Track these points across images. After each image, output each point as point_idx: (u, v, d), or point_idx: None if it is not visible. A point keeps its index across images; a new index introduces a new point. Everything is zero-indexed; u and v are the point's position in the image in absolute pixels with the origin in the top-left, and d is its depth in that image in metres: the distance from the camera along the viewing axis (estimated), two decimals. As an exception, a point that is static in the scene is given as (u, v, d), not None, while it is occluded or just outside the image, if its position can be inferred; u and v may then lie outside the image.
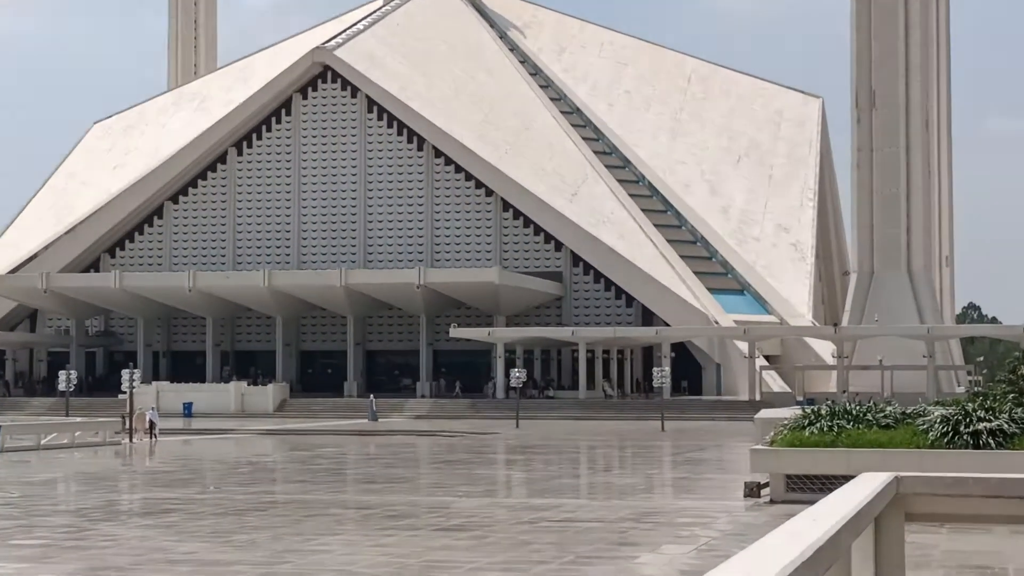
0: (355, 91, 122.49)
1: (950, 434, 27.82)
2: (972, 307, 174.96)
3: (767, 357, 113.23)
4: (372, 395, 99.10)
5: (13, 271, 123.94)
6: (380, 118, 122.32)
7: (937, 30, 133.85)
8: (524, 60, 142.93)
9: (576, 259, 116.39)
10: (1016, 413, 29.26)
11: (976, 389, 78.90)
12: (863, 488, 7.02)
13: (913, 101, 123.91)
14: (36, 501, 30.16)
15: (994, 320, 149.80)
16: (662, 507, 28.79)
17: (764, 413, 40.75)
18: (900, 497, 7.63)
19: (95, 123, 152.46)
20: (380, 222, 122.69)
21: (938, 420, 28.92)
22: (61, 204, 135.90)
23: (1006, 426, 28.05)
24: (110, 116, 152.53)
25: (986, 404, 30.65)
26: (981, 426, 28.01)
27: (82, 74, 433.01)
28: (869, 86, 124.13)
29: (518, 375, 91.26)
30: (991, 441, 27.39)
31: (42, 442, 54.15)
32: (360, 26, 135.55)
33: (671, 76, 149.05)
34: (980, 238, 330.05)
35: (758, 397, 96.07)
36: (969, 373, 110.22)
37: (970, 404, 31.18)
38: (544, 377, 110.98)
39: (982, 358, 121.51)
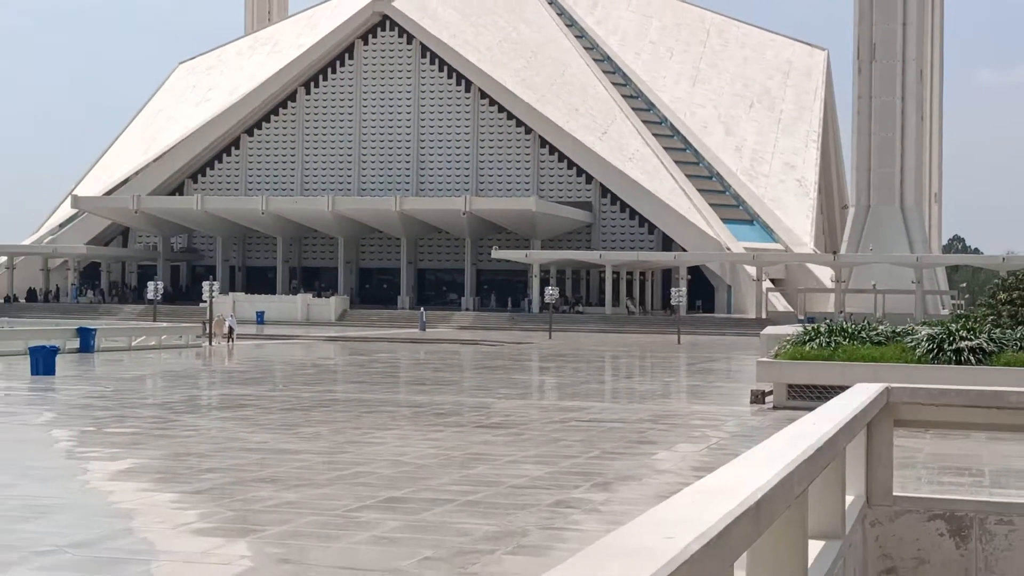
0: (410, 38, 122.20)
1: (935, 351, 27.76)
2: (957, 239, 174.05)
3: (772, 280, 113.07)
4: (422, 308, 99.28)
5: (107, 193, 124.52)
6: (432, 63, 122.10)
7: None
8: (561, 13, 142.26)
9: (604, 191, 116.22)
10: (994, 333, 29.17)
11: (959, 312, 78.58)
12: (857, 397, 7.02)
13: (909, 54, 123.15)
14: (127, 395, 30.36)
15: (976, 251, 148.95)
16: (677, 411, 28.81)
17: (769, 330, 40.69)
18: (890, 406, 7.63)
19: (180, 63, 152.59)
20: (431, 155, 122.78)
21: (924, 338, 28.85)
22: (149, 135, 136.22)
23: (985, 344, 27.97)
24: (193, 57, 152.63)
25: (967, 325, 30.55)
26: (963, 344, 27.93)
27: (167, 20, 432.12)
28: (870, 40, 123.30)
29: (551, 292, 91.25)
30: (971, 358, 27.32)
31: (132, 343, 54.69)
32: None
33: (692, 29, 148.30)
34: (966, 177, 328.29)
35: (764, 315, 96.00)
36: (953, 297, 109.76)
37: (953, 325, 31.07)
38: (574, 294, 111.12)
39: (965, 284, 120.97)
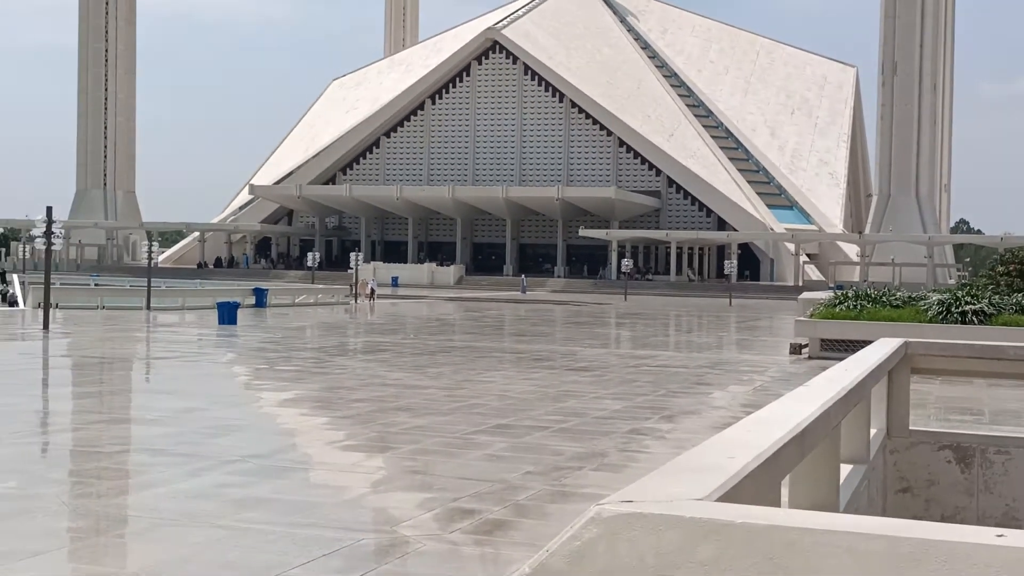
0: (515, 59, 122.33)
1: (944, 313, 27.41)
2: (963, 222, 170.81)
3: (808, 255, 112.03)
4: (523, 275, 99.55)
5: (276, 183, 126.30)
6: (532, 79, 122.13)
7: (945, 15, 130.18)
8: (637, 38, 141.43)
9: (670, 181, 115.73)
10: (993, 299, 28.75)
11: (963, 282, 77.26)
12: (881, 349, 6.91)
13: (925, 70, 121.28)
14: (292, 341, 30.79)
15: (979, 232, 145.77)
16: (728, 359, 28.63)
17: (805, 295, 40.20)
18: (908, 356, 7.52)
19: (333, 80, 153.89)
20: (531, 152, 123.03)
21: (935, 303, 28.47)
22: (309, 137, 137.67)
23: (986, 308, 27.58)
24: (344, 75, 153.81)
25: (971, 292, 30.09)
26: (967, 308, 27.53)
27: (322, 45, 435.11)
28: (892, 58, 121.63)
29: (627, 263, 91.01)
30: (974, 318, 26.95)
31: (295, 301, 55.44)
32: (520, 12, 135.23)
33: (744, 50, 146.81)
34: (971, 170, 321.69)
35: (800, 283, 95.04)
36: (958, 270, 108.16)
37: (959, 292, 30.62)
38: (645, 265, 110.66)
39: (968, 259, 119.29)
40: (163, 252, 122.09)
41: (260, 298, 50.19)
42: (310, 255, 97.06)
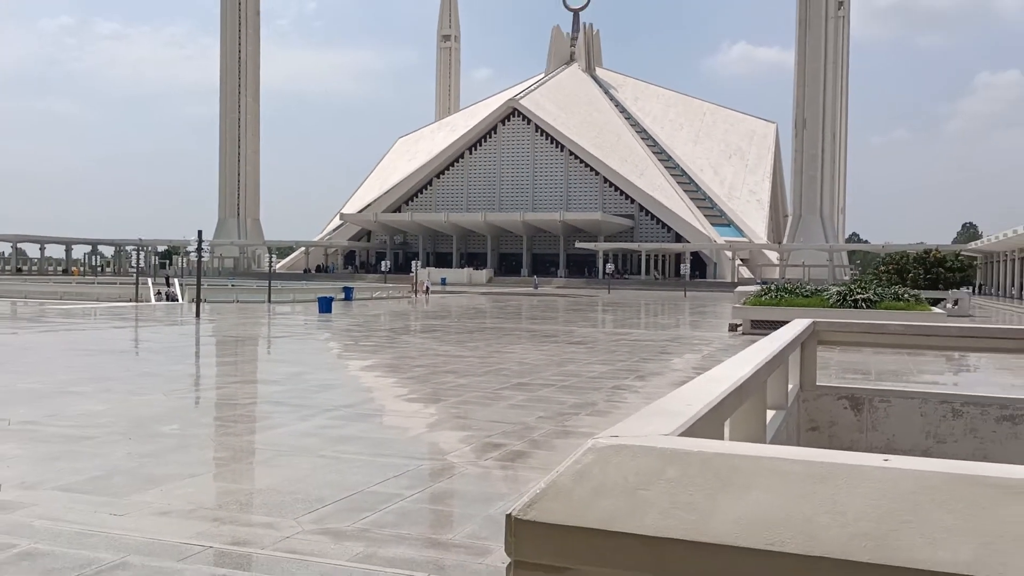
0: (529, 121, 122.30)
1: (841, 301, 27.26)
2: (855, 234, 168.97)
3: (742, 259, 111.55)
4: (535, 276, 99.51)
5: (360, 212, 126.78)
6: (541, 135, 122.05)
7: (841, 83, 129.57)
8: (617, 105, 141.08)
9: (641, 207, 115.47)
10: (877, 290, 28.61)
11: (855, 278, 76.67)
12: (796, 327, 6.86)
13: (826, 124, 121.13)
14: (371, 324, 30.90)
15: (866, 241, 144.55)
16: (684, 335, 28.58)
17: (740, 289, 40.12)
18: (815, 332, 7.46)
19: (399, 137, 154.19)
20: (540, 187, 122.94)
21: (834, 293, 28.32)
22: (382, 178, 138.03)
23: (871, 296, 27.41)
24: (408, 134, 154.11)
25: (860, 286, 29.94)
26: (858, 296, 27.37)
27: (391, 113, 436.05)
28: (803, 116, 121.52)
29: (610, 267, 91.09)
30: (863, 304, 26.79)
31: (373, 296, 55.68)
32: (532, 87, 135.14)
33: (693, 112, 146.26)
34: (861, 197, 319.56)
35: (736, 280, 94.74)
36: (851, 270, 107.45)
37: (852, 285, 30.47)
38: (623, 268, 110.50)
39: (859, 261, 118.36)
40: (279, 261, 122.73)
41: (348, 294, 50.42)
42: (383, 263, 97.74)
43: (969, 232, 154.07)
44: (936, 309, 30.27)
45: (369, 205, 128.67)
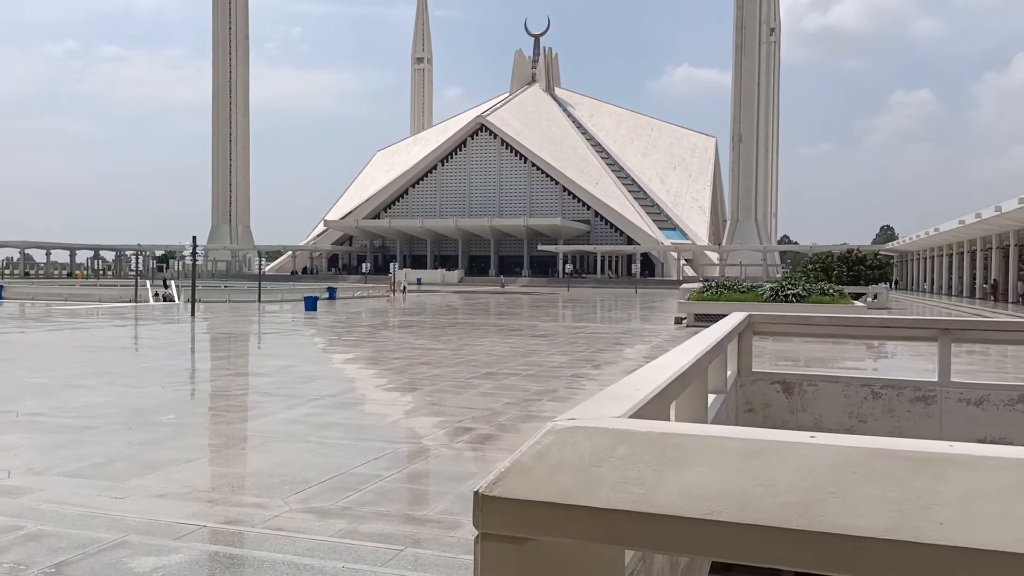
0: (495, 136, 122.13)
1: (774, 296, 27.51)
2: (786, 236, 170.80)
3: (686, 260, 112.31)
4: (502, 276, 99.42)
5: (342, 218, 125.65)
6: (507, 149, 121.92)
7: (775, 101, 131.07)
8: (574, 121, 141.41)
9: (597, 214, 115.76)
10: (806, 286, 28.90)
11: (786, 276, 77.52)
12: (734, 319, 6.92)
13: (760, 138, 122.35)
14: (352, 321, 30.69)
15: (796, 243, 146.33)
16: (635, 328, 28.72)
17: (684, 286, 40.45)
18: (751, 324, 7.52)
19: (378, 151, 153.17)
20: (506, 195, 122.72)
21: (768, 289, 28.58)
22: (363, 187, 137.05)
23: (800, 292, 27.69)
24: (386, 147, 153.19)
25: (791, 282, 30.25)
26: (788, 292, 27.65)
27: (370, 127, 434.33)
28: (739, 130, 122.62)
29: (569, 267, 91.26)
30: (793, 299, 27.05)
31: (355, 295, 55.29)
32: (498, 105, 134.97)
33: (642, 128, 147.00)
34: (791, 203, 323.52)
35: (681, 278, 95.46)
36: (782, 268, 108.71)
37: (783, 282, 30.76)
38: (580, 268, 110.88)
39: (789, 261, 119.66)
40: (268, 264, 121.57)
41: (332, 294, 50.06)
42: (364, 265, 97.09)
43: (886, 233, 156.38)
44: (858, 303, 30.67)
45: (351, 212, 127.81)
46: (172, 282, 56.33)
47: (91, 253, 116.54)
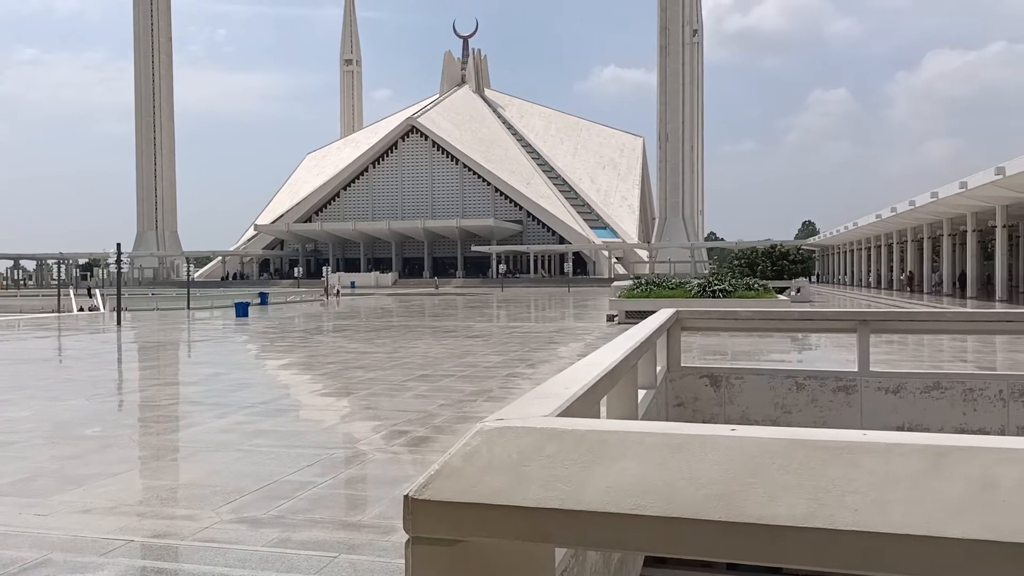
0: (427, 137, 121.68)
1: (701, 291, 28.00)
2: (713, 233, 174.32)
3: (617, 258, 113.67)
4: (436, 277, 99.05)
5: (273, 222, 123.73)
6: (438, 150, 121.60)
7: (699, 101, 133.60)
8: (504, 122, 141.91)
9: (529, 214, 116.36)
10: (732, 281, 29.49)
11: (713, 271, 79.17)
12: (662, 316, 7.01)
13: (686, 137, 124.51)
14: (285, 326, 30.17)
15: (722, 239, 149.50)
16: (568, 326, 28.93)
17: (615, 283, 40.89)
18: (679, 319, 7.63)
19: (308, 153, 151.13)
20: (438, 197, 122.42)
21: (696, 285, 29.09)
22: (293, 191, 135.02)
23: (727, 287, 28.25)
24: (316, 150, 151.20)
25: (718, 278, 30.85)
26: (715, 287, 28.18)
27: (299, 130, 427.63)
28: (665, 130, 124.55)
29: (503, 267, 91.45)
30: (720, 294, 27.58)
31: (287, 300, 54.35)
32: (428, 107, 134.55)
33: (571, 128, 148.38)
34: (717, 200, 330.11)
35: (612, 276, 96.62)
36: (710, 264, 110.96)
37: (711, 278, 31.37)
38: (514, 268, 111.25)
39: (716, 257, 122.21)
40: (197, 270, 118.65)
41: (264, 299, 49.12)
42: (296, 269, 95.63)
43: (808, 229, 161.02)
44: (781, 296, 31.47)
45: (281, 216, 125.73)
46: (97, 291, 54.50)
47: (10, 263, 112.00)
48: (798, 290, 45.26)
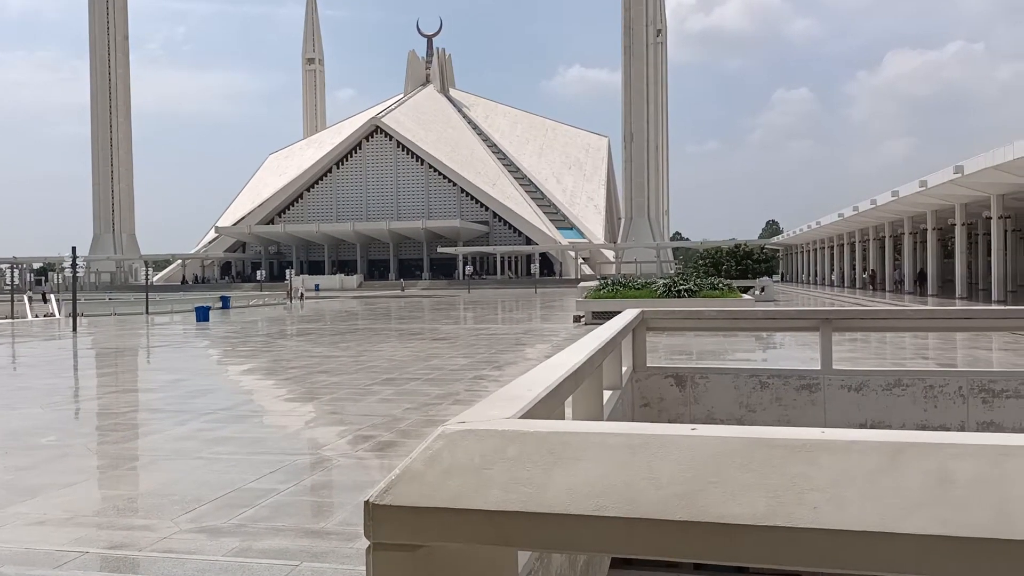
0: (391, 138, 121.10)
1: (667, 291, 28.20)
2: (678, 233, 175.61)
3: (583, 258, 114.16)
4: (402, 279, 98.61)
5: (234, 224, 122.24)
6: (403, 150, 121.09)
7: (664, 101, 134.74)
8: (470, 122, 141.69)
9: (495, 214, 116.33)
10: (697, 282, 29.74)
11: (678, 271, 79.80)
12: (627, 315, 7.04)
13: (651, 137, 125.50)
14: (248, 330, 29.82)
15: (687, 239, 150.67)
16: (535, 328, 28.97)
17: (582, 284, 41.00)
18: (644, 320, 7.67)
19: (270, 154, 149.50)
20: (404, 197, 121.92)
21: (661, 285, 29.30)
22: (255, 192, 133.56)
23: (692, 287, 28.49)
24: (278, 150, 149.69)
25: (683, 277, 31.11)
26: (681, 287, 28.41)
27: (262, 130, 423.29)
28: (630, 130, 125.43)
29: (469, 269, 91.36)
30: (685, 294, 27.81)
31: (249, 303, 53.69)
32: (393, 106, 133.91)
33: (537, 128, 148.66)
34: (682, 200, 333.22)
35: (579, 277, 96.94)
36: (675, 264, 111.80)
37: (676, 278, 31.62)
38: (480, 269, 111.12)
39: (681, 257, 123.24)
40: (156, 274, 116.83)
41: (225, 303, 48.50)
42: (258, 272, 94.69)
43: (772, 228, 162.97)
44: (746, 296, 31.80)
45: (243, 218, 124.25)
46: (52, 296, 53.42)
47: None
48: (762, 289, 45.81)
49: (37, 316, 43.72)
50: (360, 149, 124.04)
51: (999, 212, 34.48)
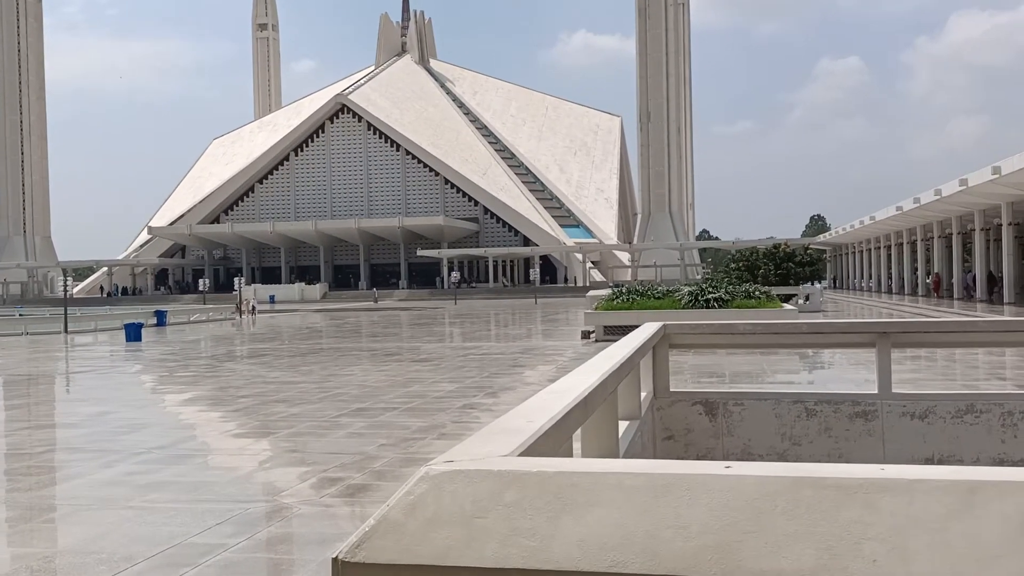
0: (360, 119, 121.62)
1: (693, 301, 28.25)
2: (705, 231, 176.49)
3: (592, 262, 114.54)
4: (374, 288, 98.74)
5: (171, 224, 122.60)
6: (374, 133, 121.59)
7: (686, 74, 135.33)
8: (454, 99, 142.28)
9: (486, 210, 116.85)
10: (728, 288, 29.80)
11: (707, 276, 79.95)
12: (646, 330, 7.04)
13: (671, 117, 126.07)
14: (188, 351, 29.75)
15: (717, 238, 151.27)
16: (536, 346, 28.95)
17: (591, 293, 40.97)
18: (666, 335, 7.68)
19: (214, 139, 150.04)
20: (376, 191, 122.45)
21: (687, 293, 29.34)
22: (196, 186, 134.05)
23: (723, 296, 28.55)
24: (223, 135, 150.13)
25: (712, 284, 31.17)
26: (709, 296, 28.46)
27: (203, 111, 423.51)
28: (647, 109, 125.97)
29: (455, 275, 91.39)
30: (715, 304, 27.86)
31: (190, 319, 53.66)
32: (362, 81, 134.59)
33: (536, 106, 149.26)
34: (709, 192, 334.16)
35: (587, 284, 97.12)
36: (703, 268, 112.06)
37: (704, 284, 31.68)
38: (469, 276, 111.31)
39: (710, 259, 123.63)
40: (77, 284, 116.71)
41: (161, 318, 48.43)
42: (201, 281, 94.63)
43: (817, 224, 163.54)
44: (787, 306, 31.86)
45: (182, 216, 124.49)
46: (-51, 312, 53.27)
47: None
48: (807, 298, 45.94)
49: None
50: (323, 132, 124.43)
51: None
